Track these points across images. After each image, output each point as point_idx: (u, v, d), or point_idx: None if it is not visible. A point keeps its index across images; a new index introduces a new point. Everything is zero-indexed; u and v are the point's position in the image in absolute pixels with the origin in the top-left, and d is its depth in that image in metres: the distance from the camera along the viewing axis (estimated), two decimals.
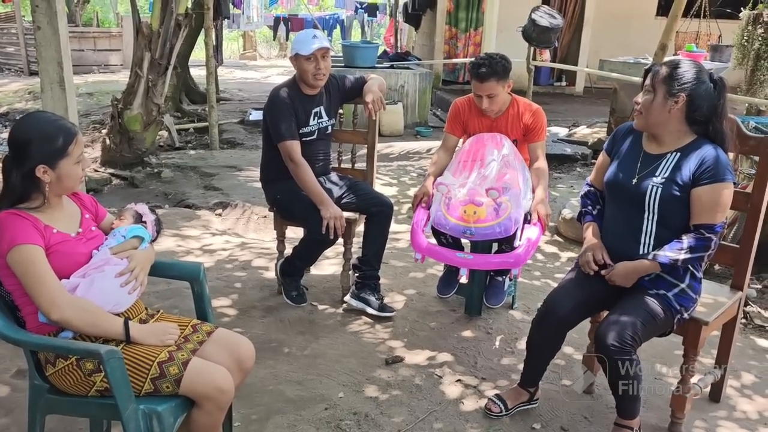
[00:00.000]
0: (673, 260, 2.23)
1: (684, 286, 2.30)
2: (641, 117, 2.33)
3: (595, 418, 2.59)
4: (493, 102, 3.13)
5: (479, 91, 3.12)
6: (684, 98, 2.24)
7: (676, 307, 2.27)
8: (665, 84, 2.25)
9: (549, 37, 6.54)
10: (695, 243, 2.23)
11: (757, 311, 3.65)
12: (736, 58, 5.83)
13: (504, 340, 3.18)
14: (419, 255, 3.00)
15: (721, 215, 2.25)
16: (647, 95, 2.30)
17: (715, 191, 2.22)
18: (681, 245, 2.24)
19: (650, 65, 2.37)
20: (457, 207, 2.89)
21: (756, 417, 2.67)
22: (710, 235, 2.23)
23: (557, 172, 6.64)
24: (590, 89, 11.82)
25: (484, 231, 2.84)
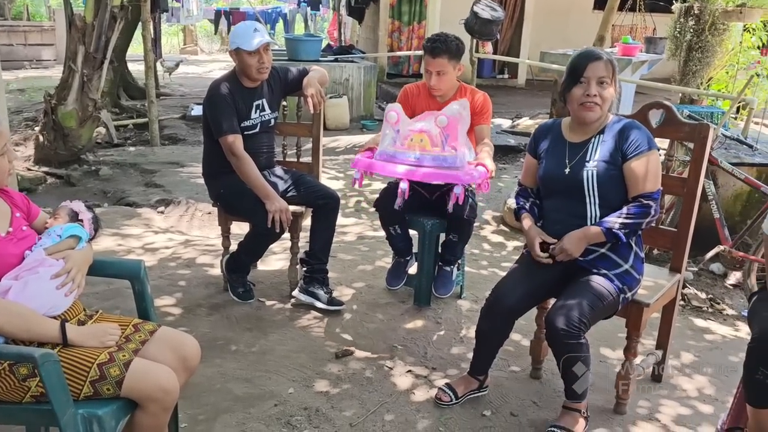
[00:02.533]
0: (612, 224, 2.30)
1: (628, 267, 2.36)
2: (598, 109, 2.34)
3: (544, 402, 2.63)
4: (442, 80, 3.12)
5: (430, 67, 3.12)
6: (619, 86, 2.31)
7: (620, 286, 2.32)
8: (614, 74, 2.35)
9: (491, 29, 6.60)
10: (635, 210, 2.31)
11: (694, 293, 3.78)
12: (669, 50, 6.02)
13: (453, 330, 3.19)
14: (358, 174, 2.97)
15: (656, 182, 2.34)
16: (610, 89, 2.33)
17: (645, 161, 2.31)
18: (622, 214, 2.31)
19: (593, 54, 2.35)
20: (405, 136, 2.89)
21: (696, 395, 2.76)
22: (648, 202, 2.31)
23: (502, 163, 6.72)
24: (532, 81, 12.03)
25: (431, 157, 2.85)
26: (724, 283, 3.99)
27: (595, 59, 2.32)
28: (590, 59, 2.32)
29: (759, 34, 6.26)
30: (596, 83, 2.30)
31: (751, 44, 6.31)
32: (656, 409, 2.64)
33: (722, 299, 3.76)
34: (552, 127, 2.54)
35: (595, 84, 2.30)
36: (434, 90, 3.16)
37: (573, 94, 2.34)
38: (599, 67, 2.30)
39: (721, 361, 3.04)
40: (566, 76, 2.37)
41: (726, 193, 4.22)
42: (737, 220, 4.19)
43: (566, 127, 2.49)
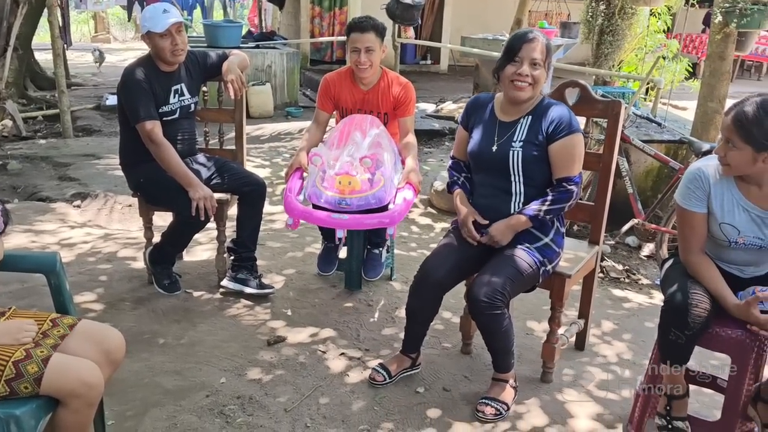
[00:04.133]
0: (536, 211, 2.37)
1: (548, 240, 2.44)
2: (529, 90, 2.37)
3: (475, 376, 2.70)
4: (370, 57, 3.11)
5: (358, 44, 3.09)
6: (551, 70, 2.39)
7: (541, 258, 2.40)
8: (548, 58, 2.39)
9: (412, 14, 6.65)
10: (558, 196, 2.39)
11: (611, 265, 3.97)
12: (583, 34, 6.23)
13: (385, 311, 3.22)
14: (291, 220, 2.94)
15: (578, 166, 2.42)
16: (538, 69, 2.36)
17: (568, 144, 2.38)
18: (546, 199, 2.39)
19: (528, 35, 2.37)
20: (332, 178, 2.87)
21: (615, 360, 2.90)
22: (571, 186, 2.39)
23: (427, 147, 6.80)
24: (454, 67, 12.20)
25: (359, 201, 2.84)
26: (638, 254, 4.20)
27: (531, 41, 2.35)
28: (526, 40, 2.35)
29: (664, 18, 6.57)
30: (529, 64, 2.34)
31: (657, 28, 6.63)
32: (580, 375, 2.75)
33: (637, 270, 3.95)
34: (485, 103, 2.56)
35: (528, 64, 2.34)
36: (362, 68, 3.12)
37: (505, 71, 2.37)
38: (534, 48, 2.34)
39: (638, 328, 3.20)
40: (502, 54, 2.41)
41: (638, 170, 4.43)
42: (649, 195, 4.42)
43: (498, 104, 2.52)
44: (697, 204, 2.11)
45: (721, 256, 2.16)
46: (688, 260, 2.15)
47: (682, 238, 2.19)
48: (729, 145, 1.97)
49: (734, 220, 2.07)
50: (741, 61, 11.67)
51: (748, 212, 2.06)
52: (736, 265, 2.16)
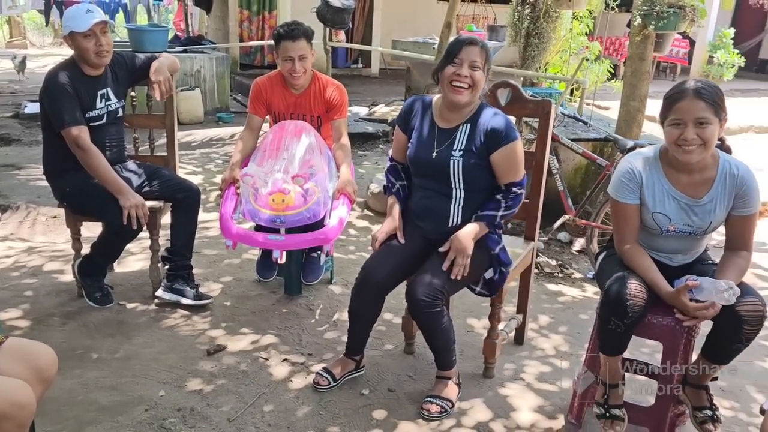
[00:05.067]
0: (494, 218, 2.41)
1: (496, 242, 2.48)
2: (469, 91, 2.37)
3: (419, 375, 2.72)
4: (304, 64, 3.08)
5: (291, 52, 3.05)
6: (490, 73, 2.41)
7: None
8: (488, 63, 2.40)
9: (343, 18, 6.64)
10: (512, 202, 2.43)
11: (545, 261, 4.07)
12: (510, 36, 6.38)
13: (326, 315, 3.20)
14: (230, 242, 2.90)
15: (522, 170, 2.46)
16: (479, 72, 2.36)
17: (510, 151, 2.40)
18: (498, 204, 2.41)
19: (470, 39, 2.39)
20: (265, 197, 2.83)
21: (553, 352, 2.98)
22: (520, 190, 2.44)
23: (361, 150, 6.82)
24: (385, 70, 12.28)
25: (294, 218, 2.82)
26: (570, 249, 4.33)
27: (471, 44, 2.36)
28: (466, 43, 2.36)
29: (586, 21, 6.82)
30: (469, 65, 2.34)
31: (579, 31, 6.87)
32: (521, 369, 2.82)
33: (570, 264, 4.08)
34: (423, 105, 2.54)
35: (468, 66, 2.34)
36: (296, 77, 3.09)
37: (445, 72, 2.37)
38: (474, 51, 2.34)
39: (573, 320, 3.30)
40: (443, 57, 2.42)
41: (567, 167, 4.57)
42: (578, 192, 4.56)
43: (437, 109, 2.50)
44: (631, 196, 2.20)
45: (653, 245, 2.25)
46: (623, 251, 2.23)
47: (617, 229, 2.27)
48: (702, 126, 2.02)
49: (665, 209, 2.16)
50: (657, 62, 12.24)
51: (678, 201, 2.16)
52: (666, 253, 2.26)
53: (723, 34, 10.73)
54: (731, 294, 1.96)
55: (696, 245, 2.26)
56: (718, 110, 2.02)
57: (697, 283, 2.02)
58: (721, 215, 2.15)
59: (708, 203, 2.13)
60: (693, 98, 2.02)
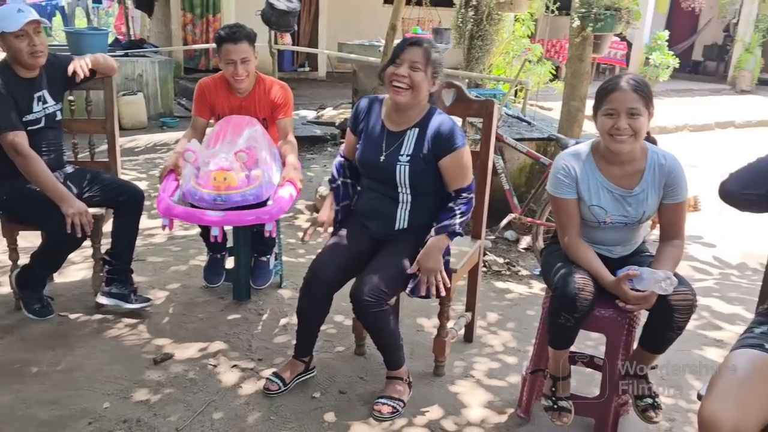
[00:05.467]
0: (454, 227, 2.41)
1: None
2: (409, 93, 2.36)
3: (370, 376, 2.72)
4: (247, 67, 3.05)
5: (234, 55, 3.02)
6: (439, 80, 2.40)
7: None
8: (432, 66, 2.36)
9: (288, 21, 6.61)
10: (464, 207, 2.44)
11: (493, 259, 4.14)
12: (454, 39, 6.47)
13: (276, 319, 3.18)
14: (167, 221, 2.83)
15: (470, 175, 2.48)
16: (420, 73, 2.34)
17: (457, 158, 2.42)
18: (453, 213, 2.42)
19: (413, 40, 2.39)
20: (207, 175, 2.78)
21: (502, 348, 3.03)
22: (470, 195, 2.46)
23: (310, 154, 6.79)
24: (332, 73, 12.27)
25: (236, 197, 2.78)
26: (517, 247, 4.41)
27: (414, 44, 2.36)
28: (409, 43, 2.36)
29: (527, 24, 6.97)
30: (408, 65, 2.33)
31: (521, 33, 7.01)
32: (471, 366, 2.85)
33: (517, 262, 4.15)
34: (373, 106, 2.54)
35: (407, 67, 2.33)
36: (239, 80, 3.07)
37: (386, 72, 2.37)
38: (416, 52, 2.34)
39: (520, 316, 3.37)
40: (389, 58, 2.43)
41: (512, 167, 4.66)
42: (523, 190, 4.65)
43: (386, 110, 2.50)
44: (568, 191, 2.26)
45: (593, 238, 2.31)
46: (567, 245, 2.29)
47: (560, 225, 2.34)
48: (633, 117, 2.10)
49: (601, 202, 2.24)
50: (597, 64, 12.60)
51: (612, 193, 2.23)
52: (606, 245, 2.32)
53: (658, 37, 11.17)
54: (668, 284, 2.03)
55: (633, 236, 2.33)
56: (647, 103, 2.13)
57: (637, 273, 2.09)
58: (654, 204, 2.24)
59: (640, 193, 2.22)
60: (625, 90, 2.11)
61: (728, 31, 14.16)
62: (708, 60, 15.26)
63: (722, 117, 9.72)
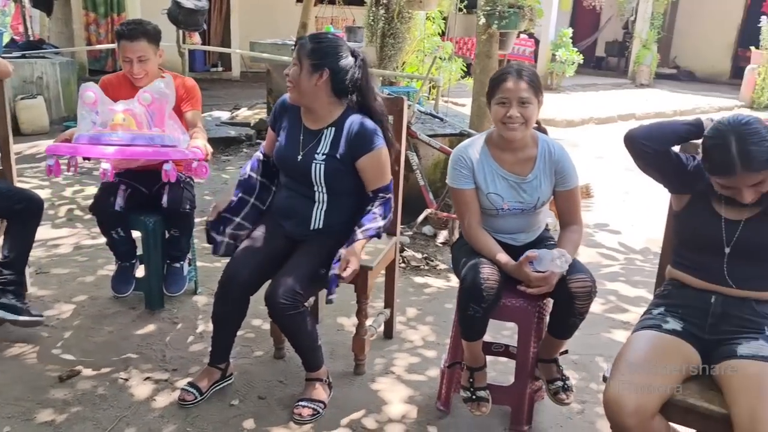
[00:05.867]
0: (377, 230, 2.40)
1: None
2: (293, 90, 2.39)
3: (290, 379, 2.68)
4: (145, 66, 2.96)
5: (129, 53, 2.92)
6: (327, 72, 2.36)
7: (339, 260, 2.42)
8: (309, 58, 2.35)
9: (196, 19, 6.44)
10: (384, 209, 2.43)
11: (411, 254, 4.18)
12: (367, 37, 6.49)
13: (191, 327, 3.08)
14: (52, 160, 2.69)
15: (388, 175, 2.48)
16: (294, 68, 2.37)
17: (374, 158, 2.41)
18: (375, 215, 2.41)
19: (297, 39, 2.45)
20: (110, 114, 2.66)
21: (421, 343, 3.06)
22: (388, 195, 2.47)
23: (225, 155, 6.64)
24: (246, 73, 12.06)
25: (137, 136, 2.66)
26: (434, 242, 4.47)
27: (301, 43, 2.38)
28: (295, 43, 2.40)
29: (437, 22, 7.09)
30: (292, 64, 2.37)
31: (432, 32, 7.12)
32: (391, 363, 2.87)
33: (435, 257, 4.21)
34: (292, 104, 2.51)
35: (291, 65, 2.37)
36: (137, 78, 2.97)
37: None
38: (300, 50, 2.36)
39: (439, 310, 3.41)
40: None
41: (427, 163, 4.72)
42: (438, 186, 4.72)
43: (304, 110, 2.49)
44: (465, 182, 2.32)
45: (495, 226, 2.37)
46: (467, 234, 2.35)
47: (460, 215, 2.40)
48: (524, 105, 2.20)
49: (497, 189, 2.31)
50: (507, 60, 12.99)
51: (507, 180, 2.31)
52: (509, 233, 2.39)
53: (563, 34, 11.63)
54: (563, 261, 2.12)
55: (532, 222, 2.40)
56: (536, 92, 2.23)
57: (535, 254, 2.16)
58: (547, 190, 2.33)
59: (533, 180, 2.31)
60: (516, 79, 2.20)
61: (627, 28, 14.89)
62: (610, 56, 16.01)
63: (624, 110, 10.22)
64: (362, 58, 2.45)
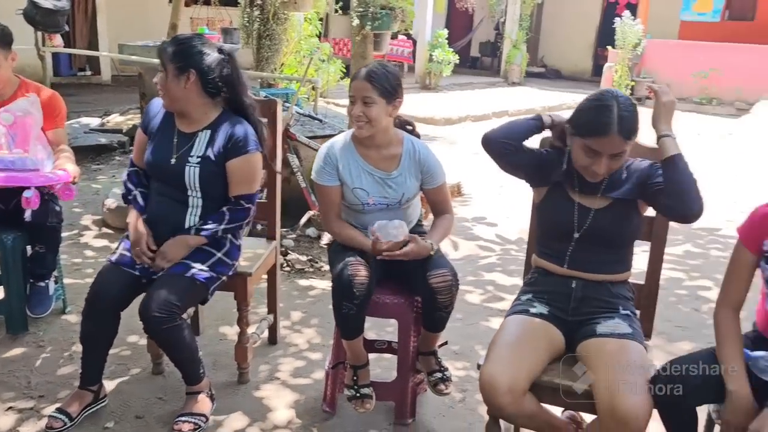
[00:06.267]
0: (214, 232, 2.34)
1: (221, 255, 2.41)
2: (164, 97, 2.33)
3: (169, 395, 2.58)
4: None
5: None
6: (194, 73, 2.30)
7: (212, 274, 2.36)
8: (172, 62, 2.28)
9: (56, 20, 6.03)
10: (235, 215, 2.38)
11: (296, 257, 4.15)
12: (243, 39, 6.37)
13: (59, 349, 2.89)
14: None
15: (255, 184, 2.43)
16: (161, 74, 2.30)
17: (245, 163, 2.37)
18: (222, 217, 2.35)
19: (161, 44, 2.38)
20: None
21: (306, 346, 3.05)
22: (249, 204, 2.41)
23: (95, 164, 6.29)
24: (118, 77, 11.46)
25: None
26: (319, 244, 4.46)
27: (162, 48, 2.33)
28: (160, 48, 2.34)
29: (314, 23, 7.09)
30: (159, 71, 2.32)
31: (309, 32, 7.11)
32: (276, 369, 2.83)
33: (319, 258, 4.20)
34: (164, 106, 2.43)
35: (158, 72, 2.32)
36: None
37: None
38: (163, 55, 2.31)
39: (323, 312, 3.40)
40: None
41: (308, 164, 4.68)
42: None
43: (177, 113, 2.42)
44: (329, 179, 2.35)
45: (362, 222, 2.40)
46: (330, 229, 2.40)
47: (323, 211, 2.43)
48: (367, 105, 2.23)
49: (363, 184, 2.35)
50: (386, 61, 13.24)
51: (372, 175, 2.35)
52: None
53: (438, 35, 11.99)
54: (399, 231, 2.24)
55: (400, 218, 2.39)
56: (384, 93, 2.25)
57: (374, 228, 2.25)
58: (412, 188, 2.39)
59: (398, 176, 2.36)
60: (362, 80, 2.25)
61: (498, 29, 15.60)
62: (484, 56, 16.71)
63: (498, 107, 10.69)
64: (228, 52, 2.40)
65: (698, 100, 12.01)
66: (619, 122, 1.84)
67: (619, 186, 1.97)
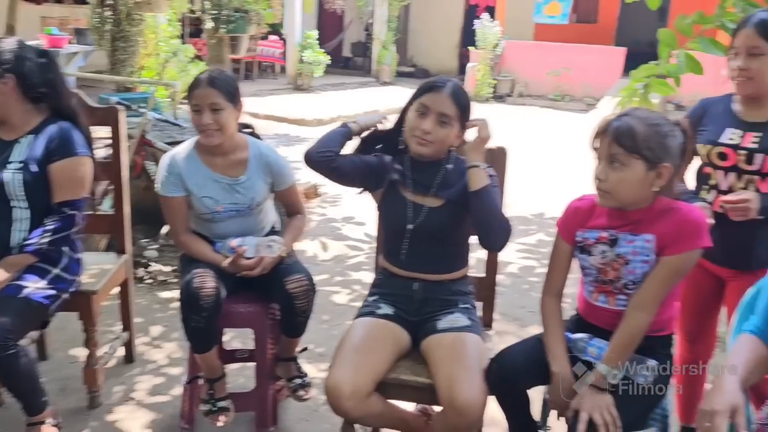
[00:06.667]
0: (39, 246, 2.18)
1: (58, 271, 2.27)
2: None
3: (9, 428, 2.40)
4: None
5: None
6: (12, 78, 2.16)
7: (51, 293, 2.22)
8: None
9: None
10: (60, 224, 2.23)
11: (158, 269, 3.99)
12: (96, 40, 6.03)
13: None
14: None
15: (81, 190, 2.29)
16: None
17: (68, 167, 2.24)
18: (45, 229, 2.20)
19: None
20: None
21: (166, 362, 2.94)
22: (73, 211, 2.26)
23: None
24: None
25: None
26: None
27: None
28: None
29: (174, 24, 6.84)
30: None
31: (170, 34, 6.85)
32: (131, 389, 2.71)
33: None
34: None
35: None
36: None
37: None
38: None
39: None
40: None
41: None
42: None
43: None
44: (174, 189, 2.29)
45: (213, 232, 2.36)
46: (178, 242, 2.35)
47: (171, 223, 2.37)
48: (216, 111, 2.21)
49: (210, 192, 2.31)
50: (259, 62, 13.00)
51: (219, 182, 2.32)
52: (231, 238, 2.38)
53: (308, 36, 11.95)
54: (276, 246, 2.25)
55: (252, 224, 2.40)
56: (230, 98, 2.24)
57: (244, 248, 2.23)
58: (261, 191, 2.37)
59: (246, 181, 2.34)
60: (206, 86, 2.21)
61: (368, 30, 15.80)
62: (356, 56, 16.86)
63: (370, 106, 10.81)
64: (50, 56, 2.29)
65: (553, 97, 12.79)
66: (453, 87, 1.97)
67: (451, 187, 2.04)
